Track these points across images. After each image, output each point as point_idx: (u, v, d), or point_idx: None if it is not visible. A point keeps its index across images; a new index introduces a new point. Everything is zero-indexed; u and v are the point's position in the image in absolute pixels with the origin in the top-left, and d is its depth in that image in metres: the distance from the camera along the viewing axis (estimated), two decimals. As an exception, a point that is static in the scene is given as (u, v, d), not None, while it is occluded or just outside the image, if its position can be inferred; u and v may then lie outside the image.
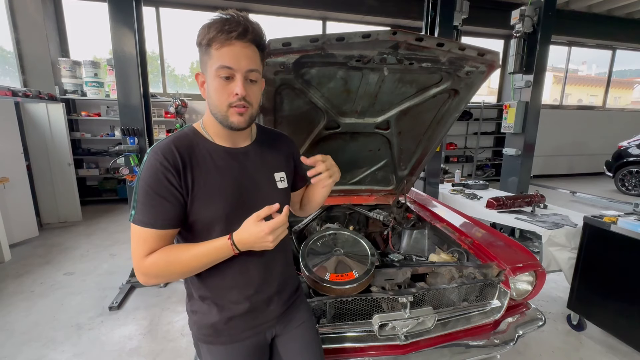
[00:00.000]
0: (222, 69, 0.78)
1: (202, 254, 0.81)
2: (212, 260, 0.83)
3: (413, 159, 2.17)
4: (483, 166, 7.93)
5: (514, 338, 1.41)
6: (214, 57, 0.79)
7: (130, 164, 2.74)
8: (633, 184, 6.41)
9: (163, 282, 0.85)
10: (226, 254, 0.82)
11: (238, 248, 0.81)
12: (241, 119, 0.83)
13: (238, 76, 0.80)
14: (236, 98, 0.80)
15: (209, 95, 0.83)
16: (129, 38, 2.58)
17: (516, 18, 3.87)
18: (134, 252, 0.81)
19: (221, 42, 0.77)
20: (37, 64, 4.89)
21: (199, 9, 5.76)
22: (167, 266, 0.81)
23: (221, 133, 0.90)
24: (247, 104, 0.82)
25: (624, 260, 1.95)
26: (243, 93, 0.80)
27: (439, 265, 1.51)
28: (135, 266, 0.81)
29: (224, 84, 0.80)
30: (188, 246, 0.83)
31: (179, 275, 0.84)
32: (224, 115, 0.83)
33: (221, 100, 0.81)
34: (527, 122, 4.07)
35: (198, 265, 0.83)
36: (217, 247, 0.81)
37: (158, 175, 0.79)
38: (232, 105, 0.81)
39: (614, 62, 8.45)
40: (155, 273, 0.81)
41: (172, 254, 0.81)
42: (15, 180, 3.63)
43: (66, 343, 2.16)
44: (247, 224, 0.80)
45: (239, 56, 0.79)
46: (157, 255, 0.80)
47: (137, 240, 0.81)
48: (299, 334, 1.05)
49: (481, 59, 1.48)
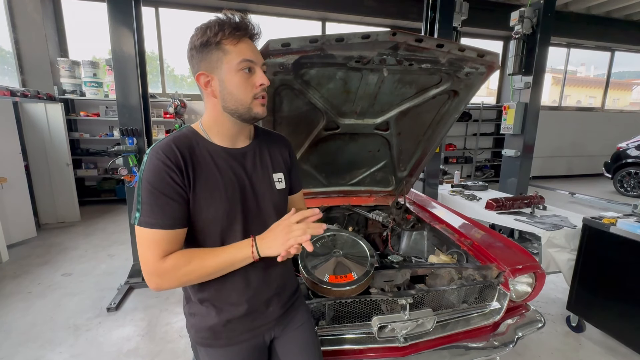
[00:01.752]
0: (244, 62, 0.81)
1: (227, 262, 0.81)
2: (232, 268, 0.83)
3: (412, 159, 2.16)
4: (482, 167, 7.94)
5: (513, 340, 1.41)
6: (232, 52, 0.80)
7: (128, 164, 2.73)
8: (632, 185, 6.42)
9: (177, 286, 0.82)
10: (246, 262, 0.83)
11: (260, 253, 0.81)
12: (264, 108, 0.87)
13: (258, 68, 0.84)
14: (261, 88, 0.84)
15: (228, 91, 0.83)
16: (128, 38, 2.57)
17: (515, 19, 3.88)
18: (144, 256, 0.78)
19: (238, 38, 0.80)
20: (35, 63, 4.88)
21: (198, 10, 5.77)
22: (188, 271, 0.78)
23: (223, 133, 0.89)
24: (266, 94, 0.87)
25: (623, 262, 1.95)
26: (267, 82, 0.84)
27: (439, 267, 1.51)
28: (149, 270, 0.78)
29: (246, 77, 0.82)
30: (211, 252, 0.82)
31: (196, 281, 0.83)
32: (247, 107, 0.84)
33: (246, 92, 0.83)
34: (527, 123, 4.07)
35: (219, 272, 0.83)
36: (241, 258, 0.81)
37: (162, 174, 0.78)
38: (257, 96, 0.84)
39: (612, 63, 8.48)
40: (174, 276, 0.78)
41: (196, 259, 0.79)
42: (13, 181, 3.62)
43: (64, 344, 2.15)
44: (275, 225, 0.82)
45: (254, 50, 0.84)
46: (178, 259, 0.78)
47: (148, 244, 0.77)
48: (298, 336, 1.04)
49: (481, 60, 1.48)
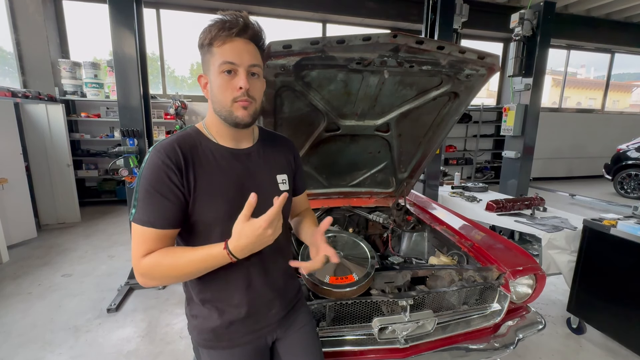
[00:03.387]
0: (225, 64, 0.79)
1: (199, 260, 0.79)
2: (208, 266, 0.80)
3: (413, 161, 2.17)
4: (482, 169, 7.94)
5: (514, 341, 1.41)
6: (217, 54, 0.80)
7: (129, 166, 2.73)
8: (632, 187, 6.42)
9: (161, 284, 0.84)
10: (223, 262, 0.79)
11: (235, 256, 0.77)
12: (245, 112, 0.83)
13: (241, 70, 0.81)
14: (240, 92, 0.81)
15: (213, 94, 0.83)
16: (130, 39, 2.58)
17: (515, 21, 3.89)
18: (133, 252, 0.80)
19: (223, 39, 0.79)
20: (37, 65, 4.89)
21: (199, 11, 5.79)
22: (163, 269, 0.79)
23: (224, 133, 0.89)
24: (251, 99, 0.83)
25: (623, 264, 1.95)
26: (247, 86, 0.81)
27: (439, 268, 1.50)
28: (134, 266, 0.80)
29: (227, 79, 0.80)
30: (185, 250, 0.81)
31: (176, 279, 0.82)
32: (228, 110, 0.83)
33: (225, 95, 0.81)
34: (527, 124, 4.08)
35: (194, 271, 0.81)
36: (213, 255, 0.78)
37: (160, 173, 0.78)
38: (237, 100, 0.81)
39: (612, 65, 8.49)
40: (152, 275, 0.80)
41: (169, 257, 0.79)
42: (14, 181, 3.62)
43: (63, 345, 2.14)
44: (238, 228, 0.76)
45: (241, 51, 0.80)
46: (154, 257, 0.79)
47: (137, 240, 0.79)
48: (300, 337, 1.04)
49: (481, 62, 1.48)
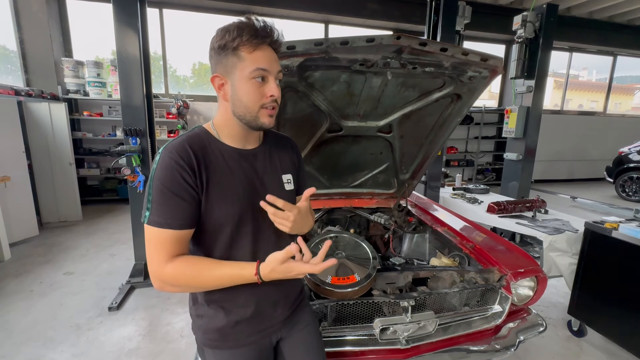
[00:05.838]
0: (258, 71, 0.80)
1: (228, 276, 0.82)
2: (234, 283, 0.83)
3: (415, 162, 2.17)
4: (484, 170, 7.93)
5: (515, 343, 1.41)
6: (247, 60, 0.80)
7: (131, 164, 2.74)
8: (634, 190, 6.41)
9: (179, 292, 0.85)
10: (249, 282, 0.83)
11: (263, 280, 0.82)
12: (272, 119, 0.86)
13: (271, 78, 0.83)
14: (271, 99, 0.83)
15: (237, 98, 0.83)
16: (133, 39, 2.59)
17: (518, 23, 3.89)
18: (150, 257, 0.80)
19: (254, 45, 0.80)
20: (40, 63, 4.91)
21: (202, 11, 5.81)
22: (186, 278, 0.80)
23: (234, 134, 0.90)
24: (276, 105, 0.86)
25: (625, 267, 1.95)
26: (279, 94, 0.84)
27: (441, 270, 1.51)
28: (154, 272, 0.80)
29: (257, 86, 0.82)
30: (213, 264, 0.83)
31: (196, 289, 0.85)
32: (254, 116, 0.84)
33: (254, 101, 0.83)
34: (528, 127, 4.08)
35: (219, 284, 0.84)
36: (244, 276, 0.82)
37: (174, 174, 0.79)
38: (265, 106, 0.84)
39: (614, 68, 8.48)
40: (174, 282, 0.80)
41: (196, 267, 0.81)
42: (16, 179, 3.63)
43: (65, 343, 2.15)
44: (273, 265, 0.80)
45: (271, 59, 0.83)
46: (180, 267, 0.80)
47: (155, 244, 0.79)
48: (304, 337, 1.05)
49: (484, 64, 1.49)
